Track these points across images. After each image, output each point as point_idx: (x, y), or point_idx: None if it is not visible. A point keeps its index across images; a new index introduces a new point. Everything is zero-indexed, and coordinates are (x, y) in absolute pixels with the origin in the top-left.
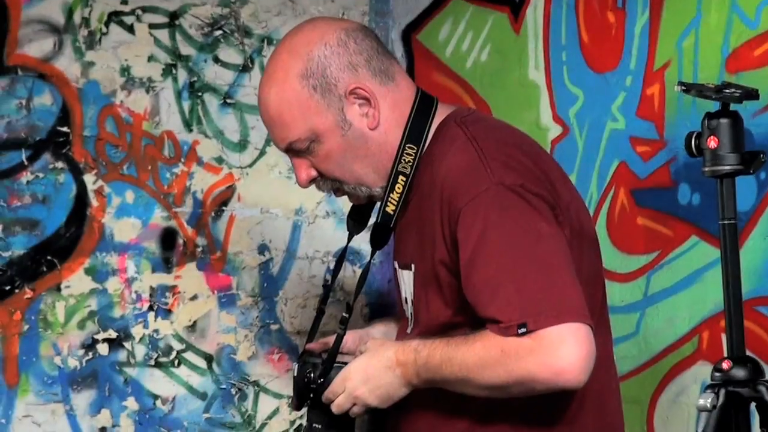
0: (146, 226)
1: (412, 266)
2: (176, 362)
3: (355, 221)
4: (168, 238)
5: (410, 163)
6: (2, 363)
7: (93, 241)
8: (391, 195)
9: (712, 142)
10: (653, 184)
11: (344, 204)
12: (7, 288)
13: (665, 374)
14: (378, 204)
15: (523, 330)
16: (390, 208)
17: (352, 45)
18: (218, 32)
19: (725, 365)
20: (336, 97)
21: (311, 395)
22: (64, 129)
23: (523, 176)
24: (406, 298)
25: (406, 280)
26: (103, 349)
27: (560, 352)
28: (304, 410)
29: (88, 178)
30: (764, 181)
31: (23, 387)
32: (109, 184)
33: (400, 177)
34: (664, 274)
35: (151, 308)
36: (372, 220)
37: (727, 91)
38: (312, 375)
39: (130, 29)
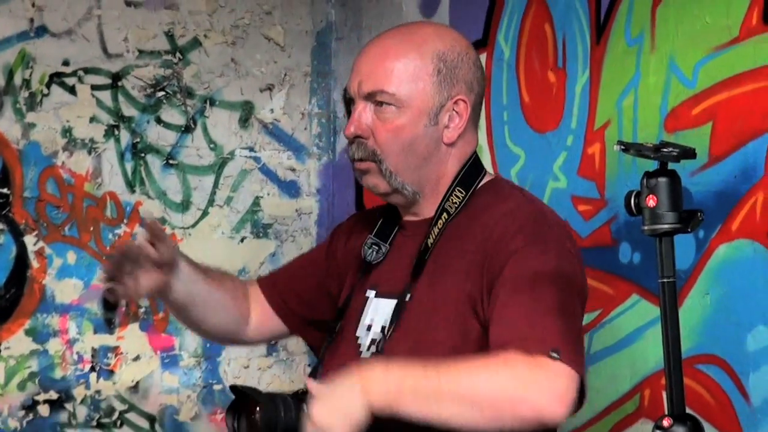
0: (88, 287)
1: (408, 296)
2: (119, 423)
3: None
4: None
5: (456, 204)
6: None
7: (34, 302)
8: (432, 228)
9: (651, 201)
10: (594, 242)
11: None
12: None
13: None
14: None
15: (555, 355)
16: (429, 241)
17: (480, 75)
18: (161, 93)
19: (666, 423)
20: (445, 94)
21: None
22: (4, 190)
23: (575, 255)
24: (369, 326)
25: (381, 308)
26: (44, 410)
27: (565, 386)
28: None
29: (29, 239)
30: (702, 239)
31: None
32: (50, 245)
33: (444, 214)
34: (606, 333)
35: (93, 369)
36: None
37: (665, 150)
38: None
39: (72, 90)
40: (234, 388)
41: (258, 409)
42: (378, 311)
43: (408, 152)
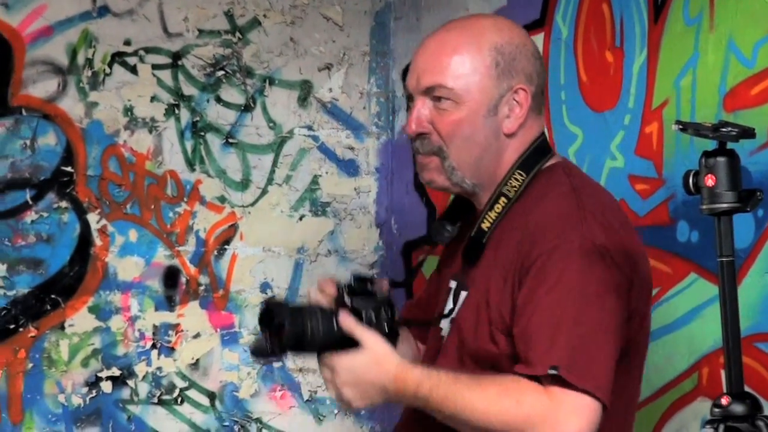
0: (149, 265)
1: (469, 289)
2: (179, 400)
3: (445, 228)
4: (171, 276)
5: (515, 188)
6: (7, 401)
7: (96, 280)
8: (489, 212)
9: (709, 180)
10: (652, 221)
11: (345, 242)
12: (12, 326)
13: (665, 410)
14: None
15: (554, 372)
16: (485, 225)
17: (539, 66)
18: (220, 72)
19: (724, 401)
20: (504, 86)
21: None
22: (68, 169)
23: (613, 243)
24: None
25: (460, 299)
26: (106, 386)
27: (570, 423)
28: None
29: (92, 218)
30: (761, 218)
31: (27, 425)
32: (112, 223)
33: (502, 198)
34: (664, 311)
35: (154, 346)
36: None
37: (724, 129)
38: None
39: (133, 70)
40: (264, 303)
41: (286, 323)
42: (459, 302)
43: (468, 145)
